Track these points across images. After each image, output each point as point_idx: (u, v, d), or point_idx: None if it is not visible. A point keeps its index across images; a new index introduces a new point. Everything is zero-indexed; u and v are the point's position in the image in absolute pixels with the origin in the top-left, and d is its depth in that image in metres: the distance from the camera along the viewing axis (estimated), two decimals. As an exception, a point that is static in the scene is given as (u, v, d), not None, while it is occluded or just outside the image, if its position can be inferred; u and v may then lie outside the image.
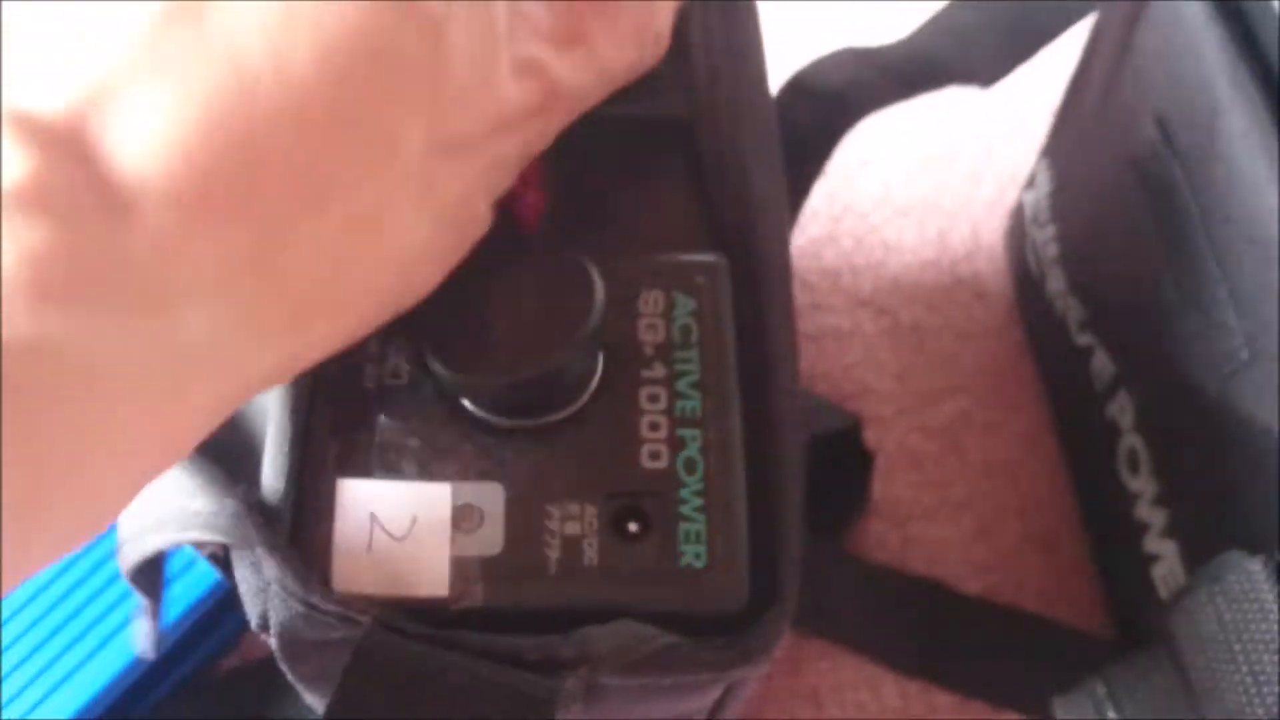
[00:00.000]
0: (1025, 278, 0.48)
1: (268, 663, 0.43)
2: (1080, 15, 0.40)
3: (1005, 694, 0.42)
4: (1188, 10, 0.35)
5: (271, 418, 0.26)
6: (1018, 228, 0.49)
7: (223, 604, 0.41)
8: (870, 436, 0.47)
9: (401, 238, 0.24)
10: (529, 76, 0.25)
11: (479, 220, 0.26)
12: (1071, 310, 0.44)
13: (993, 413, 0.48)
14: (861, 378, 0.49)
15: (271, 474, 0.25)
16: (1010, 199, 0.53)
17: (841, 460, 0.45)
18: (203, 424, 0.22)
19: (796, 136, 0.42)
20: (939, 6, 0.43)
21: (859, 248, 0.52)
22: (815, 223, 0.52)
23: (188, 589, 0.40)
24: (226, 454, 0.25)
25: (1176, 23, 0.36)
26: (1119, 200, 0.40)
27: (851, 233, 0.52)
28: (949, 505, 0.47)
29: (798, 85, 0.43)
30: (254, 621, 0.24)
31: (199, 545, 0.25)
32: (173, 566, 0.40)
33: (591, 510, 0.25)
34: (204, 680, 0.42)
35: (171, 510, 0.24)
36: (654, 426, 0.26)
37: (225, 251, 0.20)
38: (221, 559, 0.41)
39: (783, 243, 0.29)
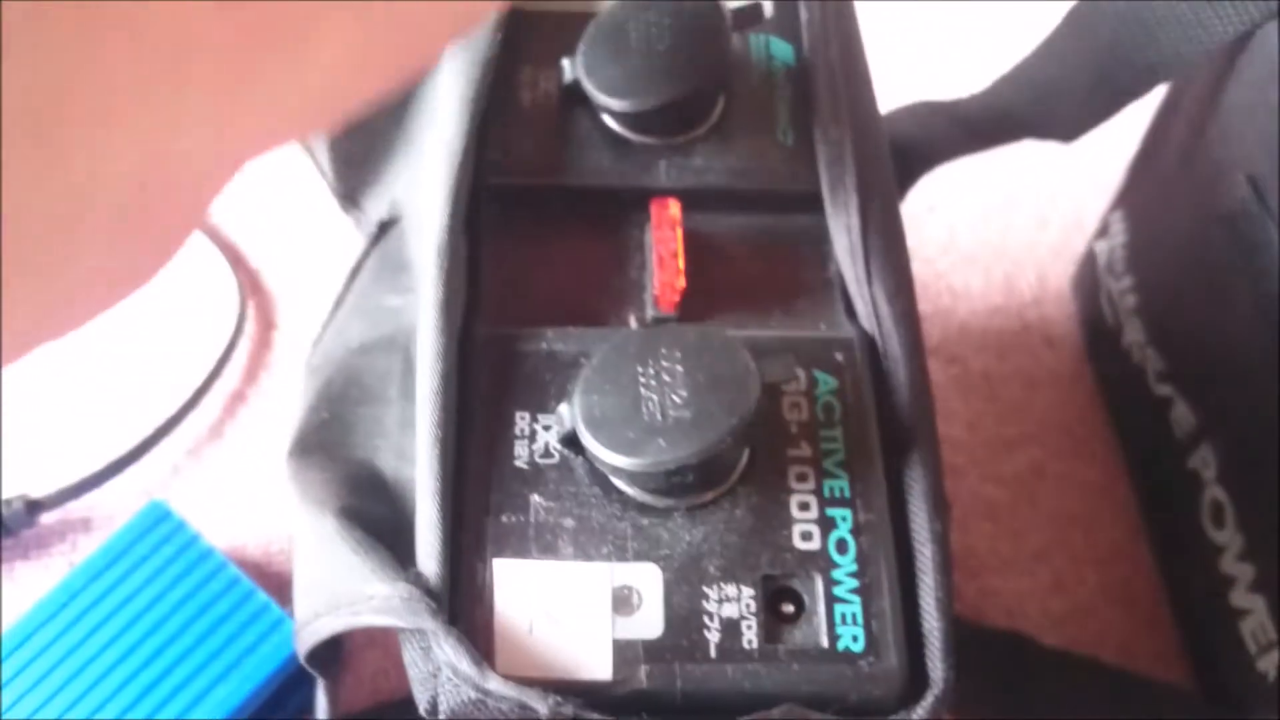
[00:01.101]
0: (1099, 326, 0.49)
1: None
2: (1169, 74, 0.40)
3: (1091, 749, 0.43)
4: (1283, 72, 0.35)
5: (419, 499, 0.26)
6: (1089, 276, 0.49)
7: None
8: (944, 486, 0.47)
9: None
10: None
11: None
12: (1150, 361, 0.45)
13: (1065, 461, 0.49)
14: (933, 426, 0.49)
15: (426, 556, 0.25)
16: (1075, 243, 0.53)
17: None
18: None
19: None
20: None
21: (926, 294, 0.52)
22: (883, 270, 0.52)
23: (277, 648, 0.40)
24: (386, 533, 0.26)
25: (1270, 84, 0.36)
26: (1205, 256, 0.40)
27: (918, 279, 0.52)
28: (1024, 556, 0.47)
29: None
30: (422, 706, 0.24)
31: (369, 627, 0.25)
32: (262, 624, 0.40)
33: (749, 592, 0.25)
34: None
35: (345, 593, 0.24)
36: (804, 506, 0.26)
37: None
38: (320, 659, 0.40)
39: (914, 318, 0.29)
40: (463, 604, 0.25)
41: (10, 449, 0.45)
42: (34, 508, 0.43)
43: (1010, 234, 0.54)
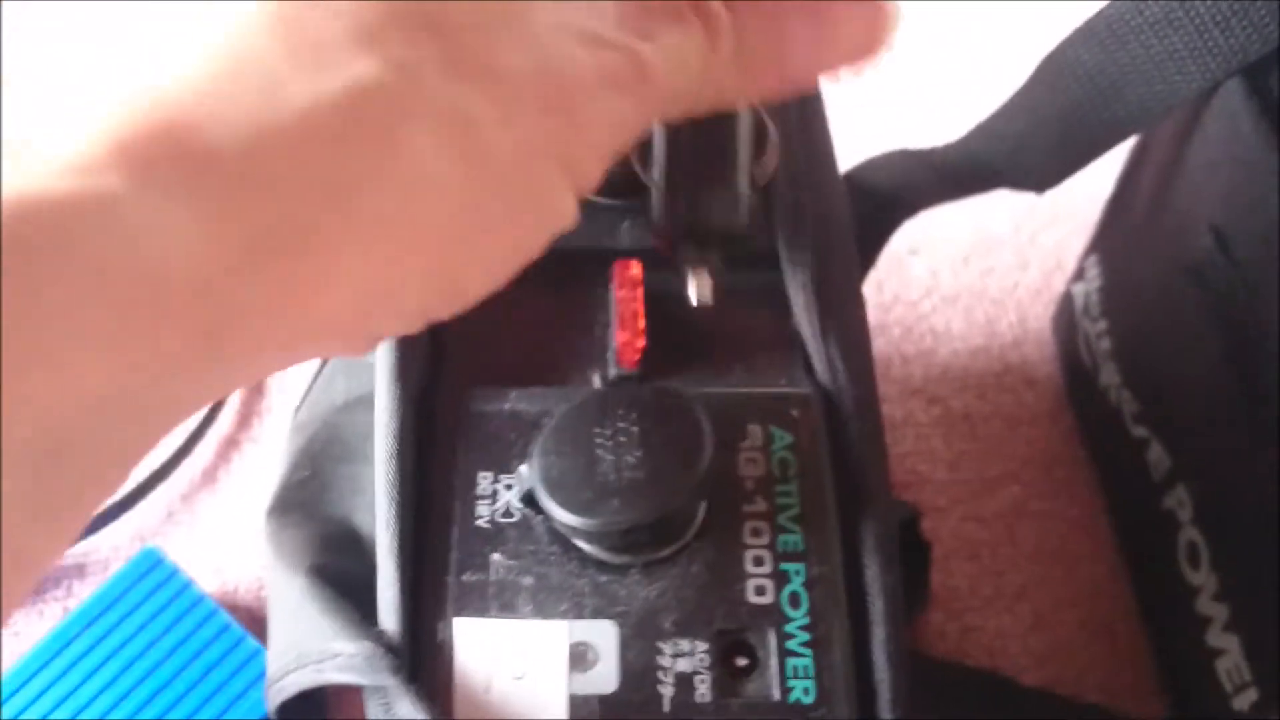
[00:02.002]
0: (1077, 368, 0.49)
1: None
2: (1136, 128, 0.40)
3: (1070, 788, 0.43)
4: (1244, 127, 0.36)
5: (379, 558, 0.27)
6: (1067, 318, 0.50)
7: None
8: (926, 526, 0.48)
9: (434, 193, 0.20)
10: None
11: (545, 195, 0.21)
12: (1126, 403, 0.45)
13: (1046, 500, 0.49)
14: (915, 467, 0.50)
15: (386, 613, 0.26)
16: (1055, 284, 0.54)
17: (899, 552, 0.46)
18: None
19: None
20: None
21: (908, 336, 0.53)
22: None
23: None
24: (360, 589, 0.26)
25: (1233, 139, 0.37)
26: (1174, 302, 0.41)
27: (901, 321, 0.53)
28: (1006, 595, 0.47)
29: (851, 182, 0.44)
30: (383, 761, 0.25)
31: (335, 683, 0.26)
32: (251, 670, 0.41)
33: (702, 647, 0.26)
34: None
35: (312, 651, 0.25)
36: (758, 561, 0.27)
37: None
38: (292, 715, 0.41)
39: (869, 375, 0.30)
40: (423, 661, 0.26)
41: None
42: (29, 555, 0.44)
43: (991, 276, 0.54)
